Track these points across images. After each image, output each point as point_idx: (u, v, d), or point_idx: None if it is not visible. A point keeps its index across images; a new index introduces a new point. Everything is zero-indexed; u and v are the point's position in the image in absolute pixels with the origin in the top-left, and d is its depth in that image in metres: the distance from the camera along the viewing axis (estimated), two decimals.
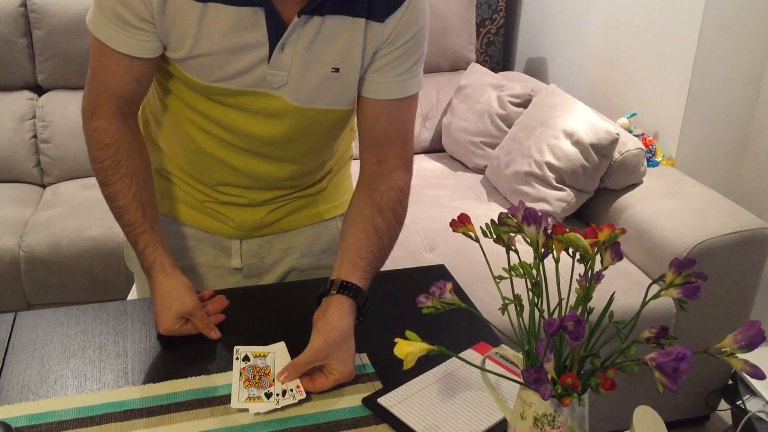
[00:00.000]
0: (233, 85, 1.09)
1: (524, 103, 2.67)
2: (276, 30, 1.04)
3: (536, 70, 3.21)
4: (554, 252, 0.81)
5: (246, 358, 1.02)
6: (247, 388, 0.98)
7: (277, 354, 1.03)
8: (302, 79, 1.09)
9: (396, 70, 1.12)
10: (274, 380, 0.99)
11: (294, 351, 1.03)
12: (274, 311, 1.18)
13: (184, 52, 1.07)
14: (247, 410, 0.96)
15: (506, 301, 0.82)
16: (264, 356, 1.02)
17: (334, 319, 1.03)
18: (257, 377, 0.99)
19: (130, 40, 1.06)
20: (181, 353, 1.08)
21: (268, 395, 0.97)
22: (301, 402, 0.98)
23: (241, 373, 1.00)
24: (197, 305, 1.10)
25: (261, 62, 1.07)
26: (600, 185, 2.34)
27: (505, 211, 0.85)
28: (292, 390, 0.98)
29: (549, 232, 0.81)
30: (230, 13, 1.03)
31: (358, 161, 1.23)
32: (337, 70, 1.09)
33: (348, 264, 1.10)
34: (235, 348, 1.03)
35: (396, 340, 0.82)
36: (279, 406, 0.97)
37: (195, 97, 1.13)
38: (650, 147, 2.42)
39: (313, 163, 1.25)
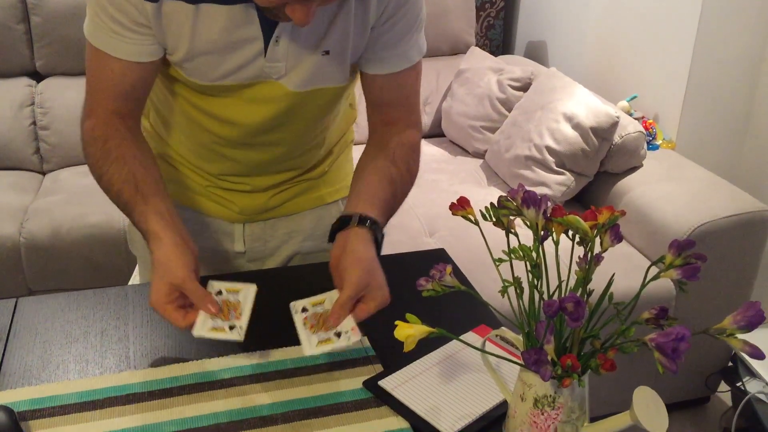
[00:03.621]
0: (232, 81, 1.09)
1: (524, 87, 2.66)
2: (269, 23, 1.04)
3: (536, 53, 3.20)
4: (554, 234, 0.82)
5: (219, 293, 1.03)
6: (213, 319, 1.00)
7: (249, 295, 1.04)
8: (297, 66, 1.09)
9: (397, 44, 1.12)
10: (241, 314, 1.01)
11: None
12: (278, 295, 1.18)
13: (181, 54, 1.06)
14: (209, 339, 0.99)
15: (506, 284, 0.82)
16: (236, 292, 1.04)
17: (360, 249, 1.02)
18: (226, 310, 1.01)
19: (128, 45, 1.05)
20: (182, 337, 1.08)
21: (231, 327, 1.00)
22: (356, 343, 0.98)
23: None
24: (187, 276, 0.99)
25: (258, 56, 1.07)
26: (600, 169, 2.33)
27: (505, 195, 0.85)
28: (347, 332, 0.98)
29: (548, 214, 0.81)
30: (222, 12, 1.02)
31: (359, 146, 1.23)
32: (327, 52, 1.09)
33: (364, 202, 1.08)
34: (210, 282, 1.04)
35: (396, 322, 0.83)
36: (241, 339, 0.99)
37: (194, 95, 1.13)
38: (650, 130, 2.41)
39: (309, 142, 1.25)
